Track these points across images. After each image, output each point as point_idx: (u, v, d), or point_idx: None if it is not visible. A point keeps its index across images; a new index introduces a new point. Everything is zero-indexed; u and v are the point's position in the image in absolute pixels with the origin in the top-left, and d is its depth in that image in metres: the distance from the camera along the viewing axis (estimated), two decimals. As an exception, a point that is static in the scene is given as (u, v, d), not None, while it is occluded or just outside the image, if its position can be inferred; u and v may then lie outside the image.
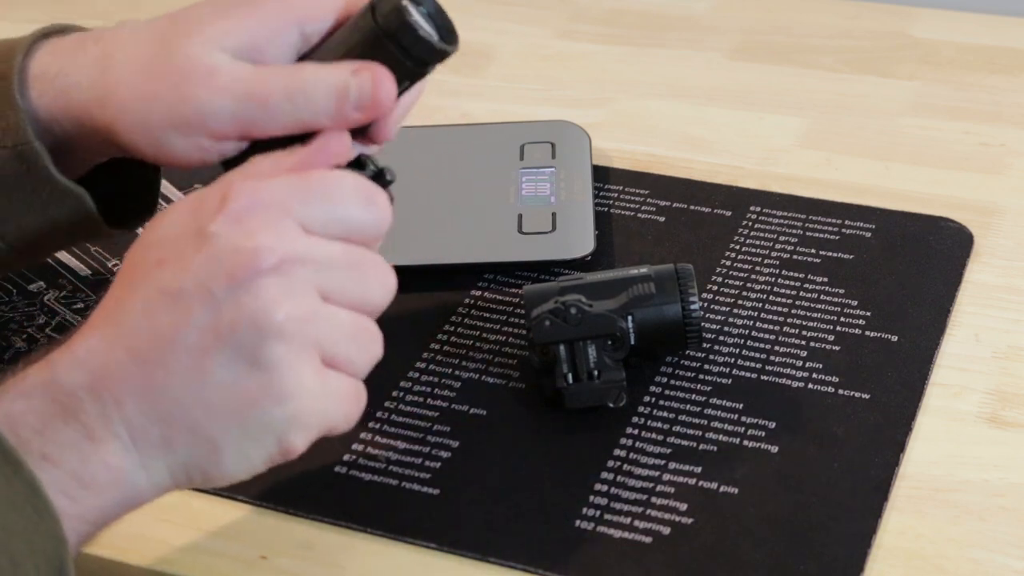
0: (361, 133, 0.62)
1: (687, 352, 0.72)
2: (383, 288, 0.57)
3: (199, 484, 0.55)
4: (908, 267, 0.78)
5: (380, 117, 0.60)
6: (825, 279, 0.77)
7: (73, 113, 0.63)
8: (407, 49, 0.59)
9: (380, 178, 0.59)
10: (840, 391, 0.69)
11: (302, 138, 0.60)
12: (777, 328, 0.74)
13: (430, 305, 0.77)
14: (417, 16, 0.60)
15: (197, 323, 0.52)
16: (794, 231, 0.81)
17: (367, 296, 0.56)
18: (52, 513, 0.51)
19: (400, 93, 0.61)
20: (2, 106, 0.63)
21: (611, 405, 0.68)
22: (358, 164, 0.60)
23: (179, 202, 0.56)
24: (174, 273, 0.53)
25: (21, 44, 0.64)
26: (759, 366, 0.71)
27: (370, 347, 0.57)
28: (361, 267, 0.56)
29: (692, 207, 0.84)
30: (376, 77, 0.59)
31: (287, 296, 0.53)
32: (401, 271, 0.78)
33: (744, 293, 0.76)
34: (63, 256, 0.82)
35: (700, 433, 0.67)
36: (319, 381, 0.54)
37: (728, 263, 0.79)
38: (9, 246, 0.66)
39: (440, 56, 0.60)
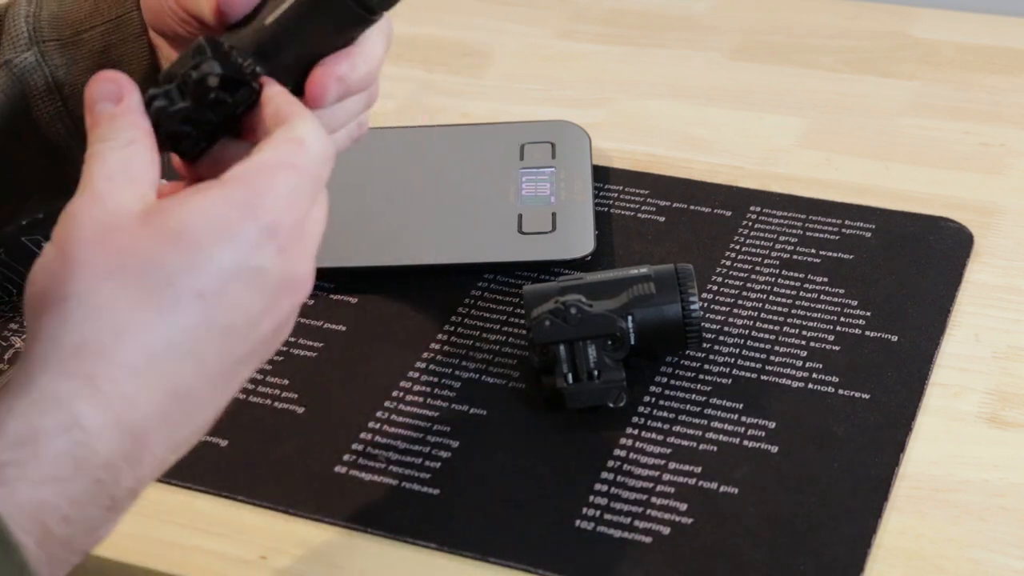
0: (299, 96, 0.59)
1: (687, 352, 0.72)
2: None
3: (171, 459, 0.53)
4: (908, 267, 0.78)
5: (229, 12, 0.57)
6: (825, 279, 0.77)
7: None
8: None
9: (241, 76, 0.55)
10: (840, 391, 0.69)
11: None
12: (777, 328, 0.74)
13: (430, 305, 0.77)
14: None
15: (241, 353, 0.52)
16: (794, 231, 0.81)
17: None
18: None
19: (350, 40, 0.58)
20: None
21: (611, 405, 0.68)
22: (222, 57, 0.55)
23: (190, 215, 0.51)
24: (223, 311, 0.50)
25: None
26: (759, 366, 0.71)
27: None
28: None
29: (692, 207, 0.84)
30: None
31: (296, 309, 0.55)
32: (401, 271, 0.79)
33: (744, 293, 0.76)
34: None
35: (700, 433, 0.67)
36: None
37: (728, 263, 0.79)
38: (81, 132, 0.64)
39: (386, 3, 0.57)
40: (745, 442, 0.67)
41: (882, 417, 0.68)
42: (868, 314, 0.74)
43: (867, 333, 0.73)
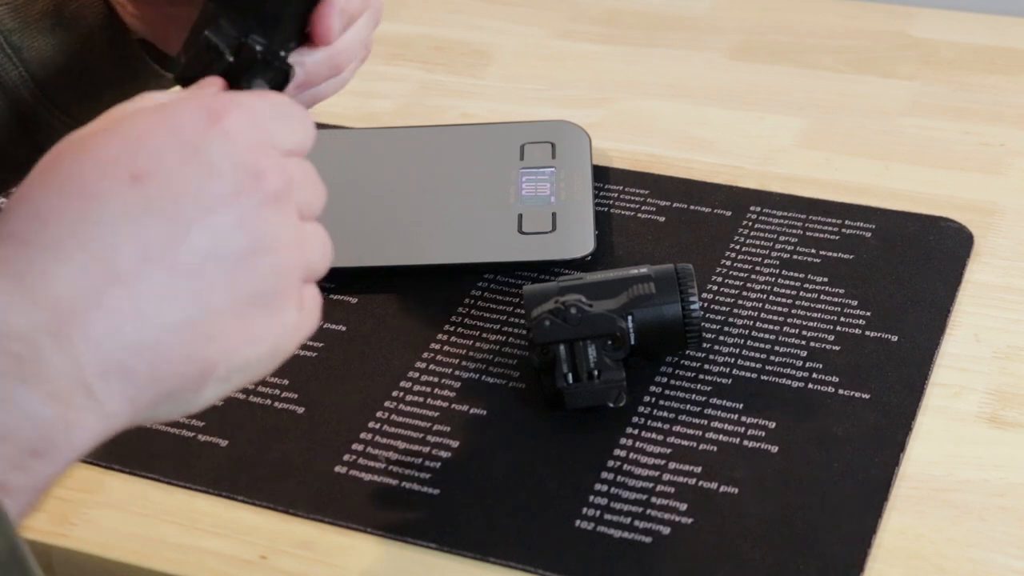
0: (305, 39, 0.60)
1: (687, 352, 0.72)
2: (321, 195, 0.54)
3: (160, 419, 0.49)
4: (908, 267, 0.78)
5: None
6: (825, 279, 0.77)
7: None
8: None
9: (286, 75, 0.58)
10: (840, 391, 0.69)
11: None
12: (777, 328, 0.74)
13: (430, 305, 0.77)
14: None
15: (197, 246, 0.47)
16: (794, 231, 0.81)
17: (317, 205, 0.54)
18: None
19: None
20: None
21: (611, 405, 0.68)
22: (270, 60, 0.58)
23: (131, 111, 0.50)
24: (168, 193, 0.47)
25: None
26: (759, 366, 0.71)
27: (328, 248, 0.54)
28: (312, 179, 0.54)
29: (692, 207, 0.84)
30: None
31: (289, 226, 0.50)
32: (401, 271, 0.79)
33: (744, 293, 0.76)
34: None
35: (700, 433, 0.67)
36: (301, 309, 0.52)
37: (728, 263, 0.79)
38: (47, 97, 0.67)
39: None
40: (745, 442, 0.67)
41: (882, 417, 0.68)
42: (868, 314, 0.74)
43: (867, 333, 0.73)
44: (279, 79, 0.58)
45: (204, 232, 0.48)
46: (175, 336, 0.47)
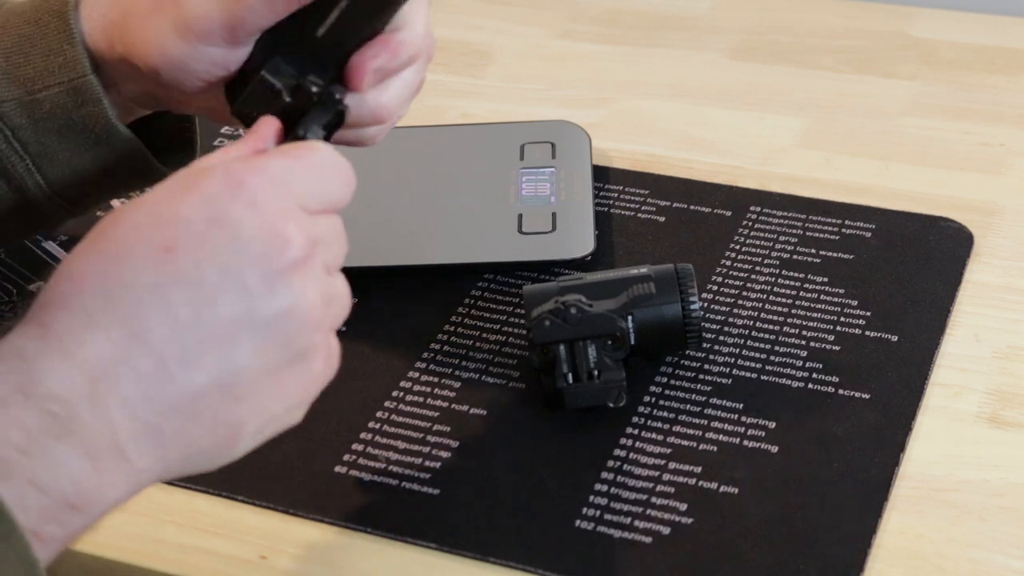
0: (338, 79, 0.61)
1: (687, 352, 0.72)
2: (345, 248, 0.56)
3: (192, 472, 0.51)
4: (908, 267, 0.78)
5: None
6: (825, 279, 0.77)
7: (109, 35, 0.64)
8: None
9: (341, 116, 0.60)
10: (840, 391, 0.69)
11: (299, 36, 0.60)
12: (777, 328, 0.74)
13: (430, 305, 0.77)
14: None
15: (226, 313, 0.49)
16: (794, 231, 0.81)
17: (341, 257, 0.56)
18: (26, 552, 0.45)
19: (382, 24, 0.60)
20: (58, 41, 0.64)
21: (611, 405, 0.68)
22: (325, 102, 0.59)
23: (170, 182, 0.52)
24: (194, 260, 0.49)
25: None
26: (759, 366, 0.71)
27: (348, 297, 0.56)
28: (338, 235, 0.55)
29: (692, 207, 0.84)
30: None
31: (315, 285, 0.52)
32: (401, 271, 0.79)
33: (744, 293, 0.76)
34: (63, 256, 0.82)
35: (700, 433, 0.67)
36: (327, 359, 0.54)
37: (728, 263, 0.79)
38: (56, 193, 0.67)
39: None
40: (745, 442, 0.67)
41: (882, 417, 0.68)
42: (868, 314, 0.74)
43: (867, 333, 0.73)
44: (334, 120, 0.59)
45: (231, 299, 0.49)
46: (204, 399, 0.49)
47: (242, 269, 0.50)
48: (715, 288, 0.77)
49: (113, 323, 0.48)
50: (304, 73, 0.59)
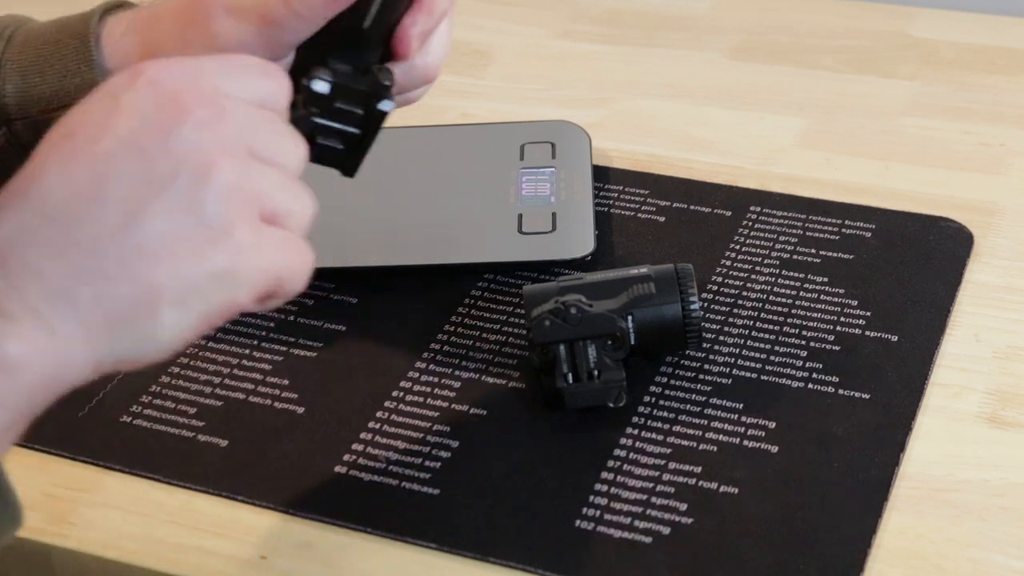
0: (387, 53, 0.63)
1: (687, 352, 0.72)
2: (297, 149, 0.56)
3: (129, 355, 0.51)
4: (908, 267, 0.78)
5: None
6: (825, 279, 0.77)
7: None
8: None
9: (383, 85, 0.61)
10: (840, 391, 0.69)
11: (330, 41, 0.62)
12: (777, 328, 0.74)
13: (430, 305, 0.77)
14: None
15: (126, 176, 0.50)
16: (794, 231, 0.81)
17: (287, 156, 0.55)
18: None
19: (378, 15, 0.61)
20: (78, 64, 0.66)
21: (611, 405, 0.68)
22: (364, 71, 0.61)
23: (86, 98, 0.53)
24: (90, 138, 0.51)
25: (95, 10, 0.67)
26: (759, 366, 0.71)
27: (304, 200, 0.55)
28: (277, 126, 0.55)
29: (692, 207, 0.84)
30: None
31: (221, 147, 0.52)
32: (401, 271, 0.79)
33: (744, 293, 0.76)
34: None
35: (700, 433, 0.67)
36: (259, 232, 0.52)
37: (728, 263, 0.79)
38: None
39: None
40: (745, 442, 0.67)
41: (882, 417, 0.68)
42: (868, 314, 0.74)
43: (867, 333, 0.73)
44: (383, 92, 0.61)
45: (129, 163, 0.50)
46: (112, 259, 0.50)
47: (137, 133, 0.51)
48: (715, 288, 0.77)
49: (22, 207, 0.50)
50: (360, 64, 0.61)
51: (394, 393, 0.71)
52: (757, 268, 0.78)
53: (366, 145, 0.62)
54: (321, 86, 0.59)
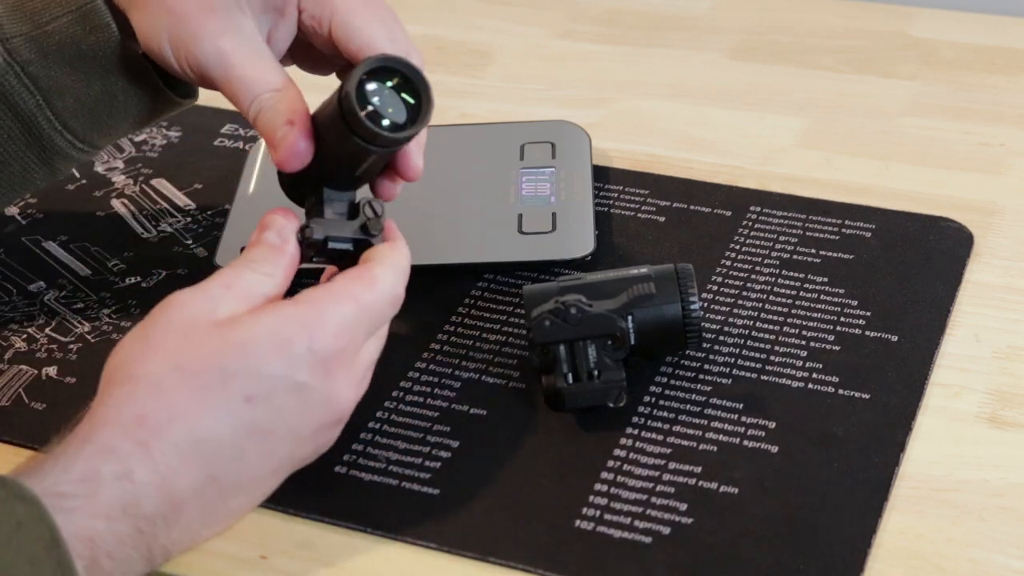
0: (388, 172, 0.68)
1: (687, 352, 0.72)
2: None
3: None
4: (908, 267, 0.78)
5: (283, 168, 0.65)
6: (825, 279, 0.77)
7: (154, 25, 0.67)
8: (355, 131, 0.63)
9: (377, 219, 0.66)
10: (840, 391, 0.69)
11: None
12: (777, 328, 0.74)
13: (430, 305, 0.77)
14: (374, 99, 0.64)
15: (280, 457, 0.61)
16: (794, 231, 0.81)
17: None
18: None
19: (368, 167, 0.66)
20: None
21: (611, 405, 0.68)
22: (355, 209, 0.67)
23: (258, 328, 0.59)
24: (267, 416, 0.59)
25: None
26: (759, 366, 0.71)
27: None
28: (382, 340, 0.66)
29: (692, 207, 0.84)
30: (289, 138, 0.64)
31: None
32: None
33: (744, 293, 0.76)
34: (63, 256, 0.82)
35: (700, 433, 0.67)
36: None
37: (728, 263, 0.79)
38: (65, 127, 0.69)
39: (390, 142, 0.64)
40: (745, 442, 0.67)
41: (882, 417, 0.68)
42: (868, 314, 0.74)
43: (867, 333, 0.73)
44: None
45: (286, 448, 0.62)
46: (236, 515, 0.62)
47: (300, 426, 0.61)
48: (715, 288, 0.77)
49: (201, 465, 0.58)
50: (352, 196, 0.67)
51: (394, 393, 0.71)
52: (757, 268, 0.78)
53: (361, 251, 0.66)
54: (318, 234, 0.65)
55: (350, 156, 0.65)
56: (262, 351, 0.59)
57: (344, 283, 0.62)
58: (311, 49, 0.71)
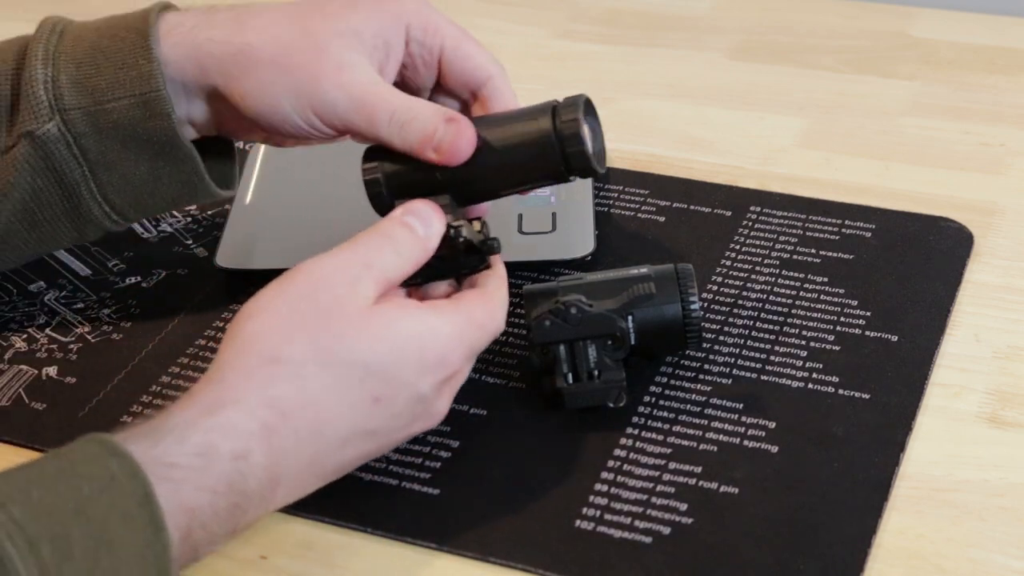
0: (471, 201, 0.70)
1: (687, 352, 0.72)
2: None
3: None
4: (908, 267, 0.78)
5: (452, 163, 0.66)
6: (825, 279, 0.77)
7: (203, 63, 0.68)
8: (568, 158, 0.66)
9: (496, 240, 0.67)
10: (840, 391, 0.69)
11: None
12: (777, 328, 0.74)
13: (430, 305, 0.77)
14: (587, 133, 0.67)
15: (366, 453, 0.62)
16: (794, 231, 0.81)
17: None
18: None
19: (535, 187, 0.70)
20: (135, 57, 0.67)
21: (611, 405, 0.68)
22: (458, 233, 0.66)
23: (405, 331, 0.61)
24: (383, 418, 0.61)
25: (153, 7, 0.70)
26: (759, 366, 0.71)
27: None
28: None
29: (692, 207, 0.84)
30: (460, 130, 0.66)
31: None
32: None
33: (744, 293, 0.76)
34: (63, 256, 0.82)
35: (700, 433, 0.67)
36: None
37: (728, 263, 0.79)
38: (105, 199, 0.70)
39: (587, 173, 0.67)
40: (745, 442, 0.67)
41: (882, 417, 0.68)
42: (868, 314, 0.74)
43: (867, 333, 0.73)
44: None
45: (391, 440, 0.63)
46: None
47: (400, 432, 0.62)
48: (715, 288, 0.77)
49: (310, 452, 0.59)
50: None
51: (394, 393, 0.71)
52: (757, 268, 0.78)
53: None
54: (465, 237, 0.65)
55: (533, 179, 0.68)
56: (403, 357, 0.60)
57: (478, 309, 0.63)
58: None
